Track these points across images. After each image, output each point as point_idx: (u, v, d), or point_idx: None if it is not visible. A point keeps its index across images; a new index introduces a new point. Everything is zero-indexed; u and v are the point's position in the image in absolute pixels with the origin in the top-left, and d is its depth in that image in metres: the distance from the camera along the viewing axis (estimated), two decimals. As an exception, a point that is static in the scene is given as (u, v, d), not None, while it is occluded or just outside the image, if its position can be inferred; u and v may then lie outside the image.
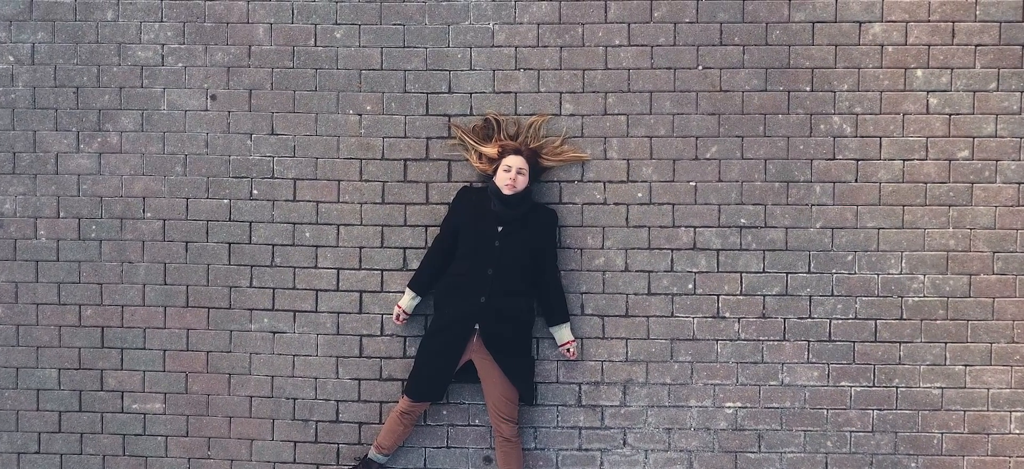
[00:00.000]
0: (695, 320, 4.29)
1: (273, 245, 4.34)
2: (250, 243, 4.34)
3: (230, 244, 4.35)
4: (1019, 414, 4.25)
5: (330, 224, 4.32)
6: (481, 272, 4.02)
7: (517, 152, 4.08)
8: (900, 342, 4.27)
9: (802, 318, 4.27)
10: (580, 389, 4.31)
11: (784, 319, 4.27)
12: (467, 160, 4.24)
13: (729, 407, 4.30)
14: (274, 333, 4.36)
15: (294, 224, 4.33)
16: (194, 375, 4.39)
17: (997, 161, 4.22)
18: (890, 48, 4.23)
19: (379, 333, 4.33)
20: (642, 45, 4.26)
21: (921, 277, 4.26)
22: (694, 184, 4.27)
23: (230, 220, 4.34)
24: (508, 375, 4.08)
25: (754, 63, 4.25)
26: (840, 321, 4.27)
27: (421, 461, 4.36)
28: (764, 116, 4.25)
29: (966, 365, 4.27)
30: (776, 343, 4.28)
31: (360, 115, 4.32)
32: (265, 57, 4.33)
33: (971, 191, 4.24)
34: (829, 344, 4.27)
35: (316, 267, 4.34)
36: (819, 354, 4.28)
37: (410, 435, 4.29)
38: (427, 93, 4.30)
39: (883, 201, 4.25)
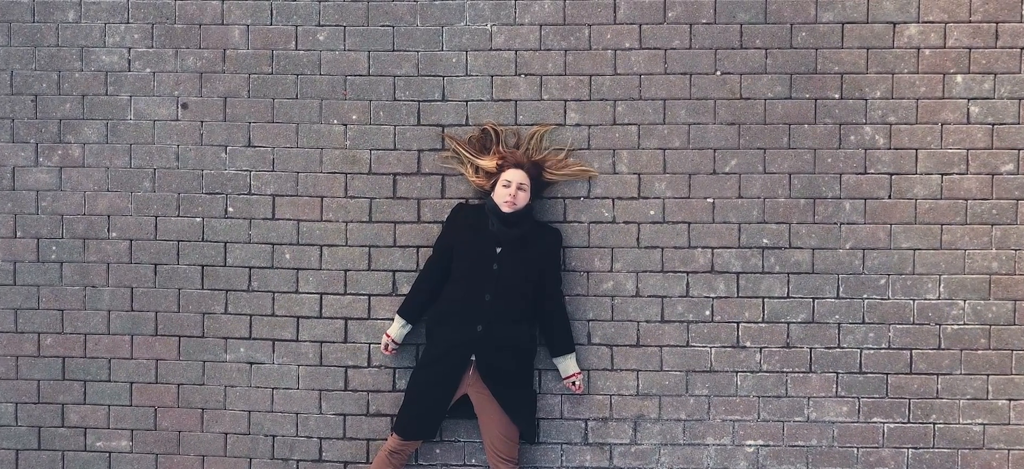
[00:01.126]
0: (713, 350, 4.04)
1: (250, 268, 4.10)
2: (225, 266, 4.11)
3: (203, 267, 4.11)
4: (1069, 453, 3.99)
5: (312, 245, 4.08)
6: (478, 298, 3.79)
7: (517, 166, 3.86)
8: (938, 374, 4.02)
9: (830, 348, 4.03)
10: (586, 426, 4.07)
11: (810, 349, 4.03)
12: (462, 174, 4.02)
13: (750, 445, 4.05)
14: (251, 364, 4.12)
15: (273, 245, 4.09)
16: (164, 410, 4.15)
17: (1045, 176, 3.98)
18: (927, 51, 3.99)
19: (366, 364, 4.09)
20: (655, 48, 4.02)
21: (961, 303, 4.01)
22: (712, 201, 4.03)
23: (203, 240, 4.11)
24: (507, 411, 3.84)
25: (777, 68, 4.00)
26: (872, 351, 4.02)
27: (412, 504, 4.12)
28: (788, 126, 4.01)
29: (1010, 400, 4.01)
30: (801, 375, 4.03)
31: (345, 125, 4.08)
32: (241, 62, 4.09)
33: (1016, 209, 3.99)
34: (860, 376, 4.03)
35: (297, 292, 4.10)
36: (849, 387, 4.03)
37: (400, 476, 4.03)
38: (419, 101, 4.06)
39: (919, 220, 4.00)
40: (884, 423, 4.02)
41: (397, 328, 3.95)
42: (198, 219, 4.09)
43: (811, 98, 3.99)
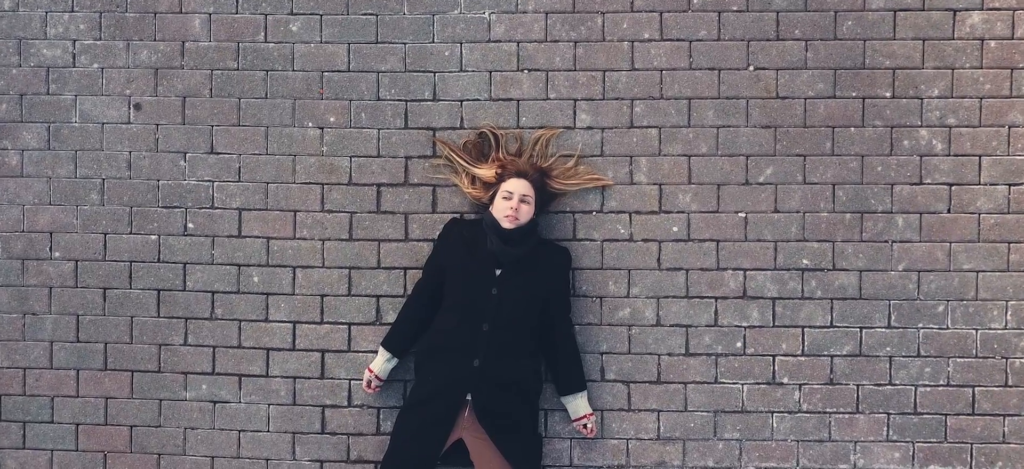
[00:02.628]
0: (745, 387, 3.71)
1: (213, 292, 3.79)
2: (184, 290, 3.79)
3: (159, 291, 3.80)
4: None
5: (284, 266, 3.77)
6: (474, 328, 3.49)
7: (520, 175, 3.56)
8: (1004, 415, 3.69)
9: (880, 385, 3.70)
10: (600, 474, 3.78)
11: (857, 386, 3.70)
12: (456, 185, 3.70)
13: (788, 497, 3.75)
14: (215, 403, 3.80)
15: (239, 266, 3.78)
16: (115, 456, 3.84)
17: None
18: (992, 43, 3.66)
19: (346, 404, 3.78)
20: (677, 40, 3.70)
21: (1032, 333, 3.71)
22: (744, 216, 3.70)
23: (159, 261, 3.79)
24: (508, 458, 3.53)
25: (819, 62, 3.68)
26: (928, 389, 3.69)
27: (400, 563, 3.78)
28: (832, 129, 3.69)
29: (1089, 444, 3.69)
30: (847, 416, 3.71)
31: (322, 129, 3.77)
32: (202, 56, 3.77)
33: (1095, 224, 3.66)
34: (914, 418, 3.70)
35: (267, 320, 3.79)
36: (901, 430, 3.70)
37: (385, 532, 3.73)
38: (406, 100, 3.75)
39: (983, 237, 3.67)
40: (942, 471, 3.74)
41: (381, 362, 3.63)
42: (153, 237, 3.77)
43: (858, 97, 3.66)
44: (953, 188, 3.65)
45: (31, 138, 3.78)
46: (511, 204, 3.48)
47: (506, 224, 3.48)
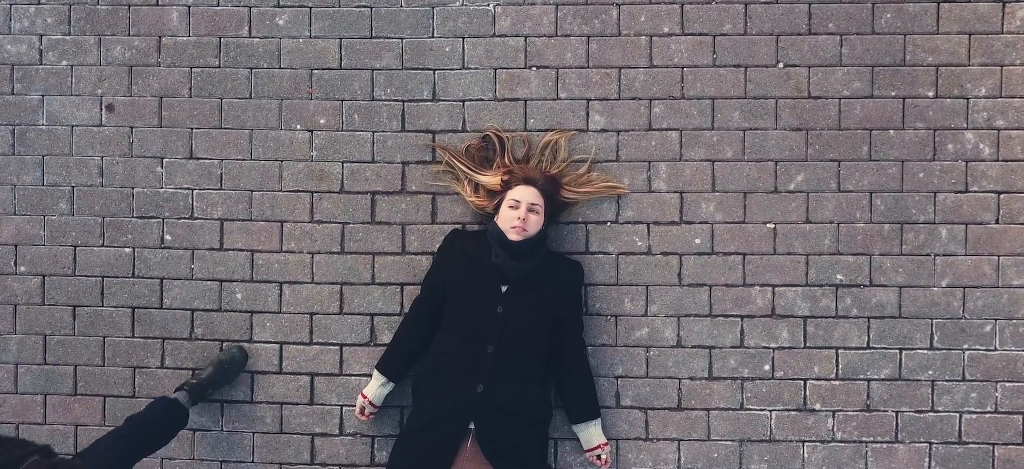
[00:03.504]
0: (773, 414, 3.49)
1: (193, 310, 3.57)
2: (161, 308, 3.57)
3: (134, 309, 3.58)
4: None
5: (270, 282, 3.55)
6: (478, 349, 3.28)
7: (528, 182, 3.37)
8: None
9: (921, 411, 3.49)
10: (615, 509, 3.58)
11: (896, 413, 3.49)
12: (458, 193, 3.50)
13: (821, 534, 3.55)
14: (194, 431, 3.58)
15: (221, 282, 3.56)
16: None
17: None
18: None
19: (337, 432, 3.56)
20: (700, 34, 3.49)
21: (1088, 355, 3.50)
22: (772, 226, 3.49)
23: (134, 276, 3.57)
24: None
25: (855, 59, 3.46)
26: (974, 416, 3.48)
27: None
28: (869, 132, 3.47)
29: None
30: (885, 446, 3.50)
31: (311, 131, 3.56)
32: (181, 52, 3.56)
33: None
34: (959, 447, 3.49)
35: (251, 341, 3.56)
36: (945, 462, 3.49)
37: None
38: (403, 100, 3.54)
39: None
40: (990, 506, 3.53)
41: (376, 387, 3.41)
42: (127, 250, 3.55)
43: (898, 97, 3.44)
44: (1001, 196, 3.43)
45: (-6, 142, 3.61)
46: (518, 214, 3.27)
47: (513, 235, 3.27)
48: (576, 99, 3.49)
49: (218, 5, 3.51)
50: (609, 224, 3.49)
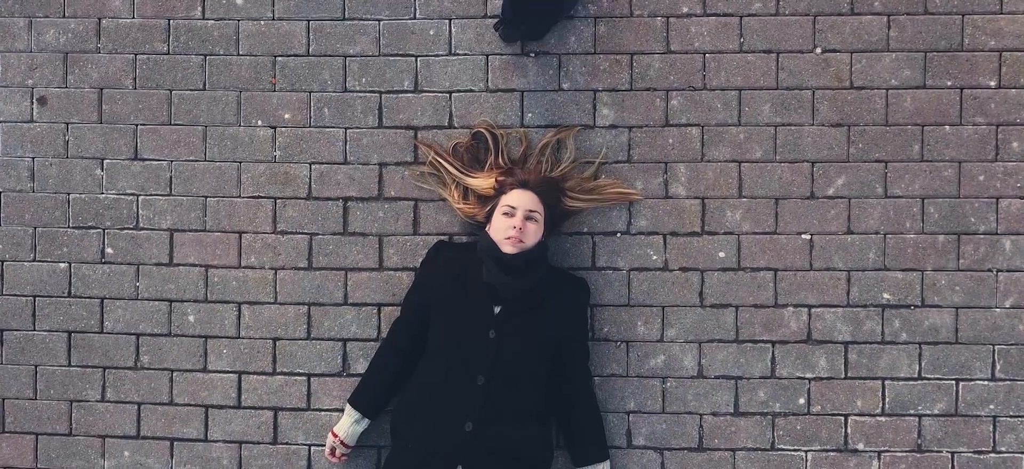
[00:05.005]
0: (809, 455, 3.26)
1: (138, 334, 3.36)
2: (101, 332, 3.36)
3: (70, 333, 3.36)
4: None
5: (227, 302, 3.33)
6: (467, 381, 3.05)
7: (525, 186, 3.17)
8: None
9: (981, 452, 3.25)
10: (626, 566, 3.36)
11: (952, 454, 3.26)
12: (445, 199, 3.28)
13: None
14: None
15: (171, 302, 3.34)
16: None
17: None
18: None
19: None
20: (725, 14, 3.31)
21: None
22: (808, 238, 3.26)
23: (70, 296, 3.36)
24: None
25: (905, 43, 3.26)
26: None
27: None
28: (921, 129, 3.27)
29: None
30: None
31: (274, 128, 3.35)
32: (123, 36, 3.37)
33: None
34: None
35: (205, 371, 3.33)
36: None
37: None
38: (380, 92, 3.35)
39: None
40: (1061, 561, 3.30)
41: (348, 424, 3.18)
42: (63, 265, 3.32)
43: (954, 87, 3.22)
44: (1075, 203, 3.23)
45: (-91, 141, 3.38)
46: (513, 222, 3.03)
47: (507, 248, 3.03)
48: (581, 90, 3.27)
49: (167, -18, 3.33)
50: (619, 235, 3.25)
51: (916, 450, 3.21)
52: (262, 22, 3.28)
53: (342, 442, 3.19)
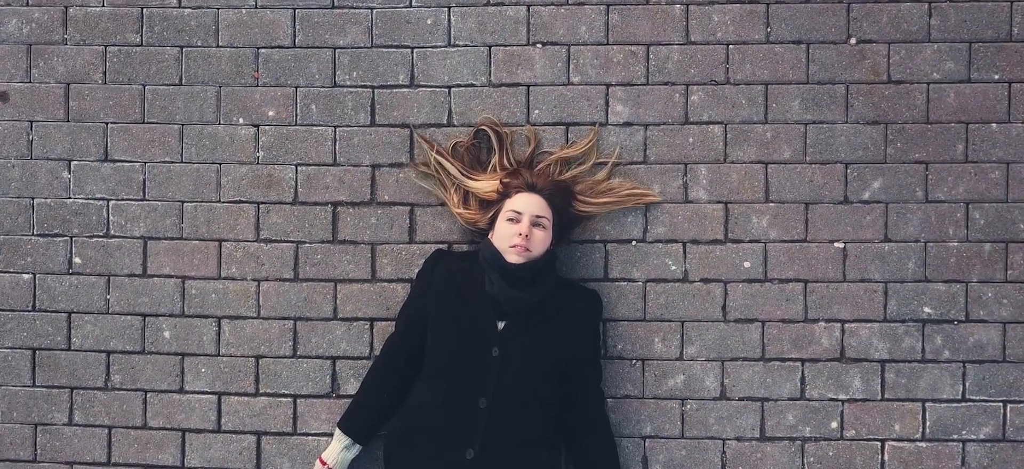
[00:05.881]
0: None
1: (108, 352, 3.20)
2: (69, 349, 3.19)
3: (34, 351, 3.20)
4: None
5: (206, 316, 3.16)
6: (468, 404, 2.87)
7: (532, 189, 3.03)
8: None
9: None
10: None
11: None
12: (444, 204, 3.15)
13: None
14: None
15: (144, 316, 3.18)
16: None
17: None
18: None
19: None
20: (750, 1, 3.18)
21: None
22: (842, 246, 3.08)
23: (34, 310, 3.20)
24: None
25: (947, 33, 3.11)
26: None
27: None
28: (965, 126, 3.11)
29: None
30: None
31: (257, 126, 3.17)
32: (93, 26, 3.20)
33: None
34: None
35: (181, 391, 3.15)
36: None
37: None
38: (372, 87, 3.20)
39: None
40: None
41: (338, 450, 3.01)
42: (26, 276, 3.16)
43: (1002, 81, 3.08)
44: None
45: None
46: (519, 229, 2.87)
47: (512, 257, 2.87)
48: (592, 84, 3.10)
49: (139, -33, 3.16)
50: (635, 243, 3.07)
51: (961, 479, 3.10)
52: (244, 10, 3.11)
53: (331, 470, 3.10)
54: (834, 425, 3.07)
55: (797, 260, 3.07)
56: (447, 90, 3.12)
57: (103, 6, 3.12)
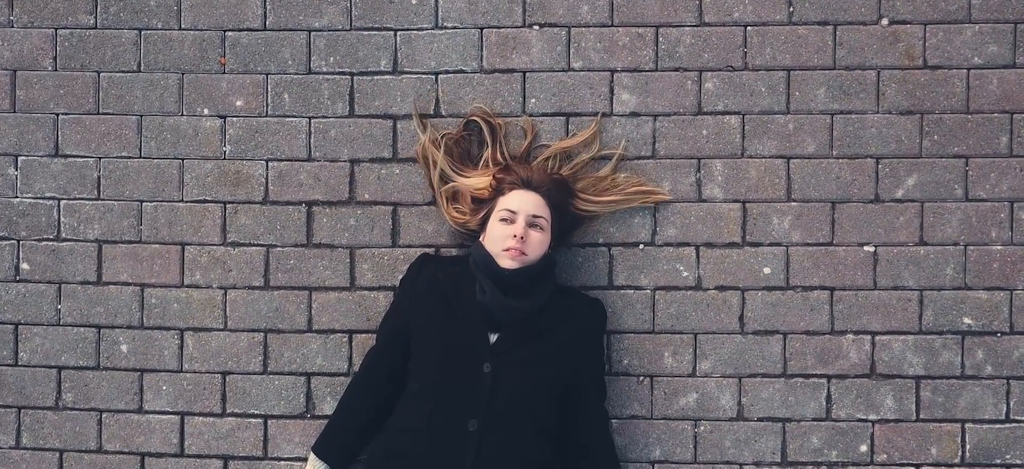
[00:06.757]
0: None
1: (59, 368, 3.04)
2: (15, 365, 3.06)
3: None
4: None
5: (167, 328, 3.00)
6: (456, 426, 2.71)
7: (528, 186, 2.88)
8: None
9: None
10: None
11: None
12: (432, 203, 3.05)
13: None
14: None
15: (99, 328, 3.03)
16: None
17: None
18: None
19: None
20: None
21: None
22: (872, 249, 2.92)
23: None
24: None
25: (990, 12, 2.96)
26: None
27: None
28: (1009, 116, 2.95)
29: None
30: None
31: (223, 118, 3.03)
32: (42, 6, 3.06)
33: None
34: None
35: (140, 411, 2.99)
36: None
37: None
38: (352, 73, 3.06)
39: None
40: None
41: None
42: None
43: None
44: None
45: None
46: (514, 230, 2.72)
47: (506, 261, 2.71)
48: (595, 70, 2.96)
49: (93, -59, 2.98)
50: (643, 247, 2.90)
51: (1003, 507, 2.93)
52: (209, -12, 2.98)
53: (305, 499, 2.89)
54: (864, 449, 2.92)
55: (822, 265, 2.91)
56: (434, 77, 2.98)
57: (53, -17, 2.98)
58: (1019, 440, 2.88)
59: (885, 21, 2.93)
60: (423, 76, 2.96)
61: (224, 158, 3.01)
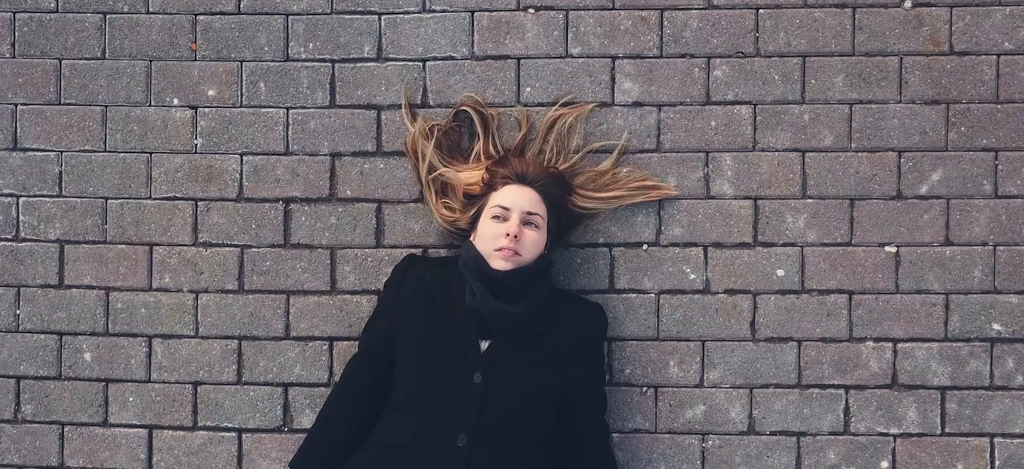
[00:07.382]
0: None
1: (18, 378, 2.95)
2: None
3: None
4: None
5: (134, 335, 2.92)
6: (444, 441, 2.60)
7: (523, 180, 2.78)
8: None
9: None
10: None
11: None
12: (419, 200, 2.97)
13: None
14: None
15: (61, 334, 2.94)
16: None
17: None
18: None
19: None
20: None
21: None
22: (895, 250, 2.83)
23: None
24: None
25: None
26: None
27: None
28: None
29: None
30: None
31: (194, 108, 2.95)
32: None
33: None
34: None
35: (105, 425, 2.89)
36: None
37: None
38: (333, 61, 2.98)
39: None
40: None
41: None
42: None
43: None
44: None
45: None
46: (507, 228, 2.63)
47: (499, 262, 2.61)
48: (595, 57, 2.89)
49: (54, -82, 2.87)
50: (646, 247, 2.80)
51: (1037, 530, 2.82)
52: (179, -30, 2.86)
53: (282, 518, 2.76)
54: (885, 465, 2.85)
55: (840, 267, 2.82)
56: (421, 64, 2.90)
57: (12, -35, 2.87)
58: (1054, 457, 2.79)
59: (908, 3, 2.85)
60: (409, 63, 2.90)
61: (195, 152, 2.93)
